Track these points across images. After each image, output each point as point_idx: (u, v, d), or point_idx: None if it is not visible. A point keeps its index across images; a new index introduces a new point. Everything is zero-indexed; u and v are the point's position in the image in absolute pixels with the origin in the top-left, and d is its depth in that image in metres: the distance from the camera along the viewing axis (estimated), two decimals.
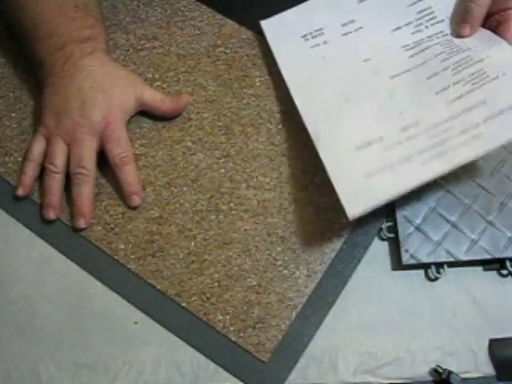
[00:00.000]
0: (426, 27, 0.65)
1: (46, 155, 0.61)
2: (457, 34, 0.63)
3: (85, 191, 0.60)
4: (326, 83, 0.63)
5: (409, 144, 0.57)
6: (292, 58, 0.66)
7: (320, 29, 0.67)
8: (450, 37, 0.64)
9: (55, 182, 0.60)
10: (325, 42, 0.66)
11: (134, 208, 0.61)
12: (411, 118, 0.58)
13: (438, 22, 0.65)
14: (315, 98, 0.62)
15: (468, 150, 0.55)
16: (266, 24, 0.68)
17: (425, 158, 0.55)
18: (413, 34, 0.65)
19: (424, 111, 0.58)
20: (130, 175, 0.61)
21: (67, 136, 0.60)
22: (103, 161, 0.61)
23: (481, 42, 0.62)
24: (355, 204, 0.54)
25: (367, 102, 0.61)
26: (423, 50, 0.63)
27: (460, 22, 0.63)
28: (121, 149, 0.61)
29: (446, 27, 0.65)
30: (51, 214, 0.60)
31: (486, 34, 0.62)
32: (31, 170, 0.61)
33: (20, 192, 0.61)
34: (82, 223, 0.60)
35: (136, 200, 0.61)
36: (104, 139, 0.61)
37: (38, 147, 0.61)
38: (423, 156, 0.56)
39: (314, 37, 0.66)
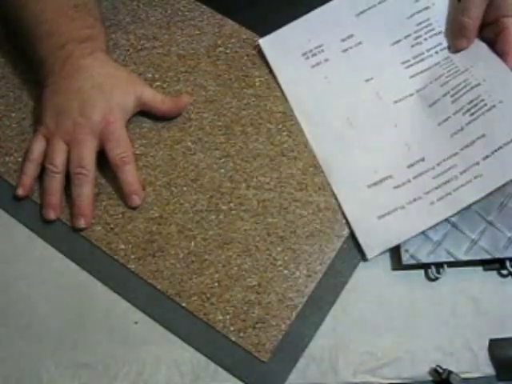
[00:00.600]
0: (425, 39, 0.65)
1: (46, 155, 0.61)
2: (454, 48, 0.64)
3: (85, 191, 0.60)
4: (331, 108, 0.64)
5: (416, 183, 0.59)
6: (294, 79, 0.65)
7: (320, 45, 0.66)
8: (447, 52, 0.64)
9: (55, 182, 0.60)
10: (326, 60, 0.66)
11: (134, 208, 0.61)
12: (417, 152, 0.60)
13: (436, 34, 0.65)
14: (322, 125, 0.63)
15: (470, 191, 0.57)
16: (264, 42, 0.67)
17: (432, 200, 0.58)
18: (412, 46, 0.65)
19: (428, 145, 0.60)
20: (130, 175, 0.61)
21: (67, 136, 0.60)
22: (103, 161, 0.61)
23: (478, 62, 0.62)
24: (372, 246, 0.58)
25: (373, 130, 0.62)
26: (423, 72, 0.64)
27: (456, 37, 0.63)
28: (121, 149, 0.61)
29: (443, 39, 0.65)
30: (51, 214, 0.60)
31: (483, 49, 0.62)
32: (31, 170, 0.61)
33: (20, 192, 0.61)
34: (82, 223, 0.60)
35: (136, 200, 0.61)
36: (104, 139, 0.61)
37: (38, 147, 0.61)
38: (431, 197, 0.58)
39: (314, 54, 0.66)
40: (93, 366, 0.55)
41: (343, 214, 0.59)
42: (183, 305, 0.57)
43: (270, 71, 0.67)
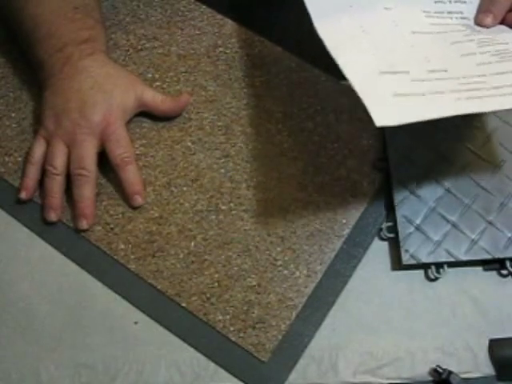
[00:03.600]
0: (450, 1, 0.62)
1: (46, 157, 0.61)
2: (478, 22, 0.61)
3: (86, 192, 0.60)
4: (344, 14, 0.59)
5: (439, 83, 0.53)
6: None
7: None
8: (468, 21, 0.62)
9: (55, 184, 0.60)
10: None
11: (136, 208, 0.61)
12: (438, 64, 0.55)
13: (461, 2, 0.63)
14: (332, 21, 0.57)
15: (505, 100, 0.51)
16: None
17: (459, 97, 0.51)
18: (435, 2, 0.62)
19: (451, 63, 0.55)
20: (132, 175, 0.61)
21: (67, 137, 0.60)
22: (103, 161, 0.61)
23: (502, 33, 0.60)
24: (383, 114, 0.48)
25: (389, 41, 0.57)
26: (444, 25, 0.61)
27: (484, 11, 0.61)
28: (122, 149, 0.61)
29: (467, 10, 0.62)
30: (52, 216, 0.60)
31: (507, 29, 0.61)
32: (33, 173, 0.61)
33: (23, 195, 0.61)
34: (84, 224, 0.60)
35: (138, 200, 0.61)
36: (104, 139, 0.61)
37: (39, 150, 0.61)
38: (457, 95, 0.51)
39: None
40: (93, 366, 0.55)
41: (356, 92, 0.49)
42: (183, 305, 0.57)
43: (270, 71, 0.67)
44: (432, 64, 0.55)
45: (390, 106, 0.50)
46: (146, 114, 0.65)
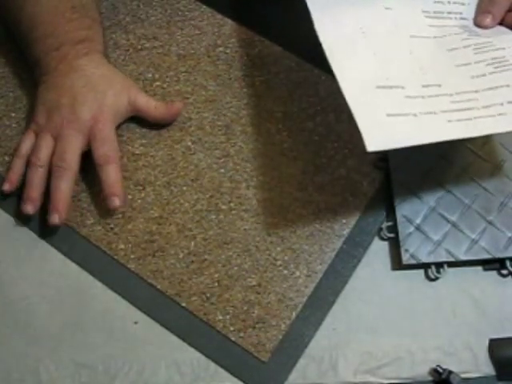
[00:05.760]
0: (449, 2, 0.63)
1: (33, 149, 0.60)
2: (478, 23, 0.62)
3: (62, 185, 0.58)
4: (345, 15, 0.59)
5: (432, 101, 0.54)
6: None
7: None
8: (467, 22, 0.62)
9: (37, 175, 0.59)
10: None
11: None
12: (432, 78, 0.56)
13: (460, 4, 0.63)
14: (334, 24, 0.58)
15: (494, 123, 0.52)
16: None
17: (450, 119, 0.52)
18: (435, 2, 0.63)
19: (446, 76, 0.56)
20: (111, 175, 0.59)
21: (55, 131, 0.60)
22: None
23: (501, 36, 0.60)
24: (375, 139, 0.49)
25: (387, 45, 0.58)
26: (443, 27, 0.61)
27: (483, 12, 0.61)
28: (105, 148, 0.60)
29: (466, 11, 0.63)
30: (29, 208, 0.59)
31: (506, 30, 0.61)
32: (18, 166, 0.61)
33: (6, 187, 0.60)
34: (55, 218, 0.58)
35: (116, 201, 0.59)
36: (91, 138, 0.60)
37: (27, 144, 0.61)
38: (448, 116, 0.52)
39: None
40: (93, 365, 0.55)
41: (348, 106, 0.51)
42: (183, 305, 0.57)
43: (270, 71, 0.67)
44: (427, 77, 0.56)
45: (382, 130, 0.50)
46: None
